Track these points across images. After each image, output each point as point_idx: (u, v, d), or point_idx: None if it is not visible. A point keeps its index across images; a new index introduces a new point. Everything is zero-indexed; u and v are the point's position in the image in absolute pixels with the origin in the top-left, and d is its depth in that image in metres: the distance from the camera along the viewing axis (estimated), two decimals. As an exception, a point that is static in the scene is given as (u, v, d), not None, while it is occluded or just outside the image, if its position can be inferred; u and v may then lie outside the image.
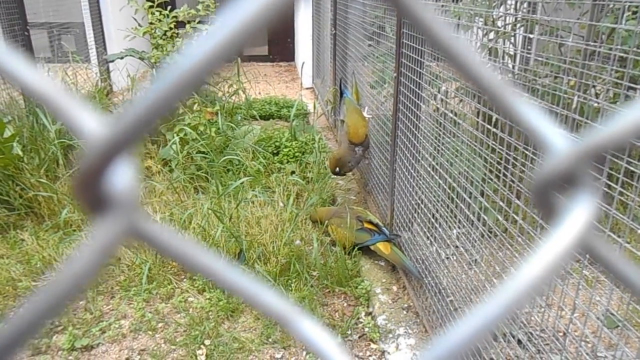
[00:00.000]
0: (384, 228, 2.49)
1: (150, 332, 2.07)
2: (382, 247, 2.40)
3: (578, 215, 0.21)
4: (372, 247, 2.45)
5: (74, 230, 2.71)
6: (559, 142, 0.21)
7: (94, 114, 0.18)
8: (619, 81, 1.33)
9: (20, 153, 2.97)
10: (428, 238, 2.06)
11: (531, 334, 1.40)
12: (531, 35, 1.61)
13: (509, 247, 1.42)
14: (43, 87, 0.17)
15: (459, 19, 1.94)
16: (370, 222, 2.53)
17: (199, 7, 3.87)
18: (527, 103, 0.21)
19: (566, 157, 0.20)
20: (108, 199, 0.18)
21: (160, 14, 3.83)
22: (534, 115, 0.21)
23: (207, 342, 2.01)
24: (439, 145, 1.89)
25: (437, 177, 1.89)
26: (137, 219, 0.18)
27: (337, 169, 3.00)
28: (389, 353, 1.93)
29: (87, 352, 1.97)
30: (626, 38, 1.81)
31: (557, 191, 0.22)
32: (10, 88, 3.70)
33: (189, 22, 3.83)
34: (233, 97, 4.22)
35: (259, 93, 5.51)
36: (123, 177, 0.18)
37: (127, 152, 0.17)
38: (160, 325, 2.12)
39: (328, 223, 2.62)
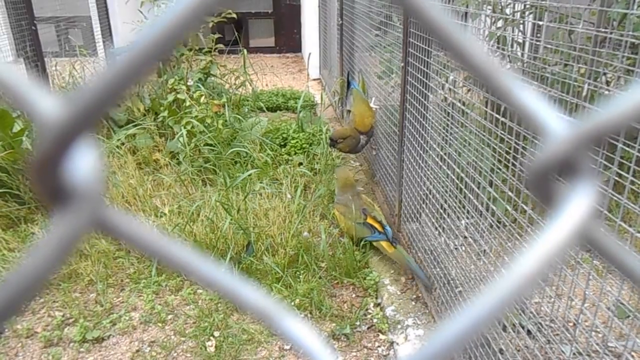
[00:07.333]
0: (387, 227, 2.41)
1: (160, 324, 2.08)
2: (385, 245, 2.36)
3: (577, 205, 0.20)
4: (374, 244, 2.42)
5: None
6: (557, 126, 0.20)
7: (48, 94, 0.16)
8: (630, 68, 1.31)
9: (30, 147, 2.99)
10: (436, 229, 2.04)
11: (541, 324, 1.39)
12: (540, 23, 1.58)
13: (518, 237, 1.40)
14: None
15: (467, 6, 1.91)
16: (375, 219, 2.46)
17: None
18: (522, 85, 0.20)
19: (565, 142, 0.19)
20: (68, 187, 0.16)
21: (166, 6, 3.82)
22: (530, 98, 0.20)
23: (216, 333, 2.02)
24: (447, 136, 1.87)
25: (445, 168, 1.87)
26: (101, 209, 0.17)
27: (339, 140, 2.97)
28: (397, 344, 1.93)
29: (98, 344, 1.99)
30: (638, 24, 1.77)
31: (555, 178, 0.21)
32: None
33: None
34: (240, 89, 4.21)
35: (266, 85, 5.49)
36: (83, 162, 0.16)
37: (86, 134, 0.16)
38: (169, 317, 2.13)
39: (334, 206, 2.59)
